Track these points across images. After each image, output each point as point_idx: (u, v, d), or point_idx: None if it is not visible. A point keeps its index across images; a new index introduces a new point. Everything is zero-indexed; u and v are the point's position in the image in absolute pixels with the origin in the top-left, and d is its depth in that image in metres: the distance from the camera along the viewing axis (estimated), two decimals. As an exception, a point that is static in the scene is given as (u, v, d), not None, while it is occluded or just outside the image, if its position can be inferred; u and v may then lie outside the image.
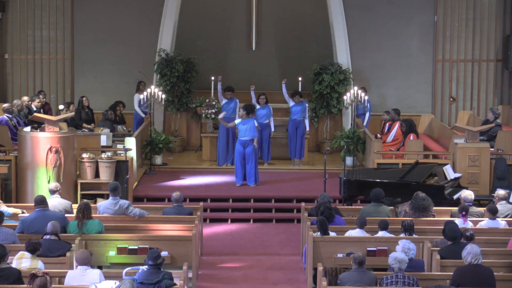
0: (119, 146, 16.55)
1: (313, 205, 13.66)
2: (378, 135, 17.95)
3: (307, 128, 18.89)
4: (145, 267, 9.61)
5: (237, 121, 17.04)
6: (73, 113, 17.56)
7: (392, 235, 11.62)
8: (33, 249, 10.12)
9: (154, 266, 9.56)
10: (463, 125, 17.95)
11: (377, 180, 14.44)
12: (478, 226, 12.08)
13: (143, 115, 19.41)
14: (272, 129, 18.58)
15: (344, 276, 9.85)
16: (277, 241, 14.57)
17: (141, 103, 19.08)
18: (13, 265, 9.85)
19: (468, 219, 12.15)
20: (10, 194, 15.13)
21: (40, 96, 18.59)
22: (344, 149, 17.87)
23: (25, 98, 17.93)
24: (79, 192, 15.12)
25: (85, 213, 11.68)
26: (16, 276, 9.47)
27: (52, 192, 12.69)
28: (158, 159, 18.64)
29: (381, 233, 11.67)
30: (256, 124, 17.01)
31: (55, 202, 12.48)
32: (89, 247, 11.36)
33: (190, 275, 11.41)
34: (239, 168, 16.86)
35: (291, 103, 18.74)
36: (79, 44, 21.24)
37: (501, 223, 12.17)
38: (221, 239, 14.62)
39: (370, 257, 11.21)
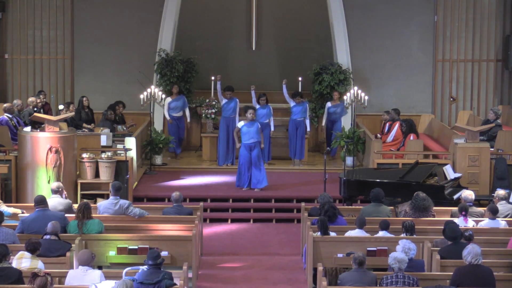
0: (119, 146, 16.54)
1: (313, 205, 13.68)
2: (378, 135, 17.95)
3: (308, 129, 18.89)
4: (145, 267, 9.61)
5: (240, 124, 16.66)
6: (73, 113, 17.55)
7: (392, 235, 11.62)
8: (33, 249, 10.12)
9: (154, 266, 9.56)
10: (463, 125, 17.95)
11: (377, 180, 14.43)
12: (478, 226, 12.09)
13: (168, 118, 19.39)
14: (272, 129, 18.58)
15: (344, 276, 9.85)
16: (277, 241, 14.57)
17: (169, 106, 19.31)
18: (13, 265, 9.85)
19: (469, 218, 12.16)
20: (10, 194, 15.12)
21: (40, 96, 18.59)
22: (344, 149, 17.87)
23: (32, 99, 17.88)
24: (79, 192, 15.12)
25: (85, 213, 11.68)
26: (17, 276, 9.47)
27: (54, 192, 12.67)
28: (158, 159, 18.64)
29: (381, 233, 11.67)
30: (259, 127, 16.79)
31: (55, 202, 12.47)
32: (89, 247, 11.36)
33: (190, 275, 11.41)
34: (245, 173, 16.47)
35: (292, 104, 18.74)
36: (79, 44, 21.25)
37: (501, 223, 12.17)
38: (221, 239, 14.62)
39: (370, 257, 11.21)
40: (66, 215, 12.04)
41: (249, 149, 16.48)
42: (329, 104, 19.38)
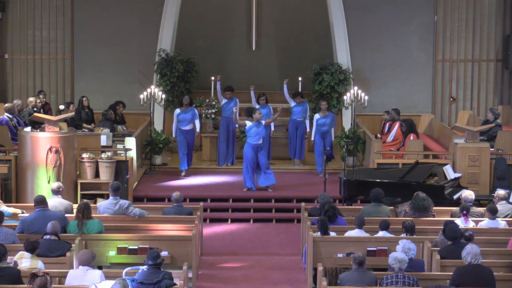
0: (119, 146, 16.55)
1: (313, 205, 13.68)
2: (378, 135, 17.95)
3: (308, 129, 18.88)
4: (145, 267, 9.61)
5: (249, 124, 16.48)
6: (73, 113, 17.56)
7: (392, 235, 11.62)
8: (32, 248, 10.12)
9: (154, 266, 9.56)
10: (463, 125, 17.95)
11: (377, 180, 14.43)
12: (478, 226, 12.09)
13: (174, 135, 17.99)
14: (272, 129, 18.59)
15: (344, 276, 9.85)
16: (277, 241, 14.57)
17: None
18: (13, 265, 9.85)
19: (469, 219, 12.16)
20: (10, 194, 15.13)
21: (40, 96, 18.59)
22: (344, 149, 17.87)
23: (32, 99, 17.88)
24: (79, 192, 15.12)
25: (85, 213, 11.68)
26: (16, 276, 9.47)
27: (55, 192, 12.66)
28: (158, 159, 18.65)
29: (381, 233, 11.67)
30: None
31: (56, 203, 12.47)
32: (89, 247, 11.36)
33: (190, 275, 11.41)
34: (251, 173, 16.37)
35: (292, 104, 18.73)
36: (79, 44, 21.25)
37: (501, 223, 12.17)
38: (221, 239, 14.62)
39: (370, 257, 11.21)
40: (66, 215, 12.05)
41: (255, 150, 16.41)
42: (317, 115, 17.95)
